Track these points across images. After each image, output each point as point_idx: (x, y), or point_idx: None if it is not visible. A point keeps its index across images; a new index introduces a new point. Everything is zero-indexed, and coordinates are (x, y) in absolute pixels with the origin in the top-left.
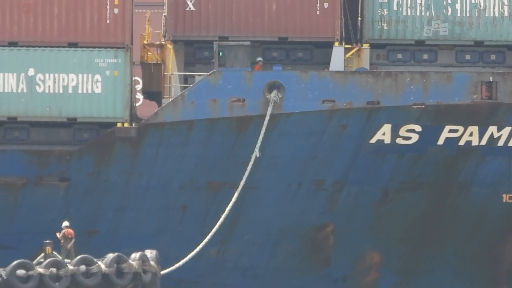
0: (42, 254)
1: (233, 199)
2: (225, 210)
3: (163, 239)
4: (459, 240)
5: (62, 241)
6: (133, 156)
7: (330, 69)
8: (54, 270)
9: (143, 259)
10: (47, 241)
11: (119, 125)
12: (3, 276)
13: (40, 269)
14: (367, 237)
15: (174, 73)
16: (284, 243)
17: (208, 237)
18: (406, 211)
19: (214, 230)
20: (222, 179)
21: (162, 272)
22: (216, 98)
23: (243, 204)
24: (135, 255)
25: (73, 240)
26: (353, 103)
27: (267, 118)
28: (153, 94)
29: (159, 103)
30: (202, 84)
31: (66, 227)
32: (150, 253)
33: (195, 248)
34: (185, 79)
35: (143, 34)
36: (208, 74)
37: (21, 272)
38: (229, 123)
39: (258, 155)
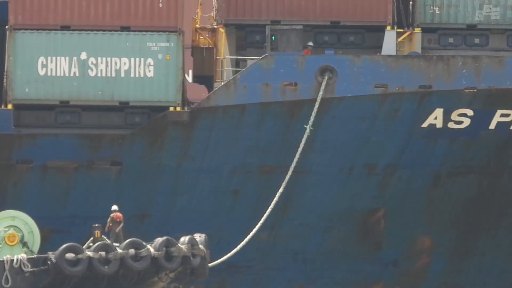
0: (91, 238)
1: (285, 183)
2: (276, 194)
3: (214, 223)
4: (511, 223)
5: (110, 224)
6: (185, 140)
7: (382, 53)
8: (103, 253)
9: (192, 243)
10: (96, 225)
11: (171, 109)
12: (53, 259)
13: (89, 253)
14: (418, 221)
15: (227, 57)
16: (335, 227)
17: (261, 221)
18: (458, 195)
19: (266, 214)
20: (274, 163)
21: (217, 261)
22: (268, 82)
23: (295, 188)
24: (184, 239)
25: (121, 224)
26: (405, 87)
27: (318, 100)
28: (203, 78)
29: (209, 87)
30: (254, 68)
31: (115, 211)
32: (199, 237)
33: (246, 232)
34: (237, 63)
35: (195, 18)
36: (260, 58)
37: (70, 255)
38: (281, 107)
39: (309, 131)
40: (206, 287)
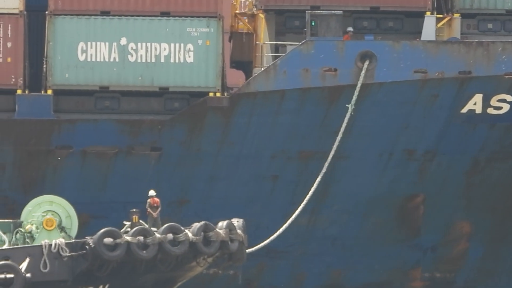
0: (129, 223)
1: (324, 168)
2: (316, 179)
3: (253, 209)
4: None
5: (148, 210)
6: (224, 126)
7: (422, 38)
8: (141, 238)
9: (230, 228)
10: (134, 210)
11: (211, 94)
12: (91, 244)
13: (127, 237)
14: (457, 206)
15: (266, 42)
16: (374, 212)
17: (300, 207)
18: (497, 180)
19: (306, 200)
20: (313, 149)
21: (256, 247)
22: (308, 67)
23: (334, 174)
24: (222, 224)
25: (159, 209)
26: (445, 73)
27: (358, 86)
28: (241, 63)
29: (248, 73)
30: (294, 53)
31: (152, 196)
32: (237, 222)
33: (285, 217)
34: (276, 49)
35: (234, 3)
36: (300, 43)
37: (108, 240)
38: (321, 92)
39: (352, 109)
40: (245, 273)
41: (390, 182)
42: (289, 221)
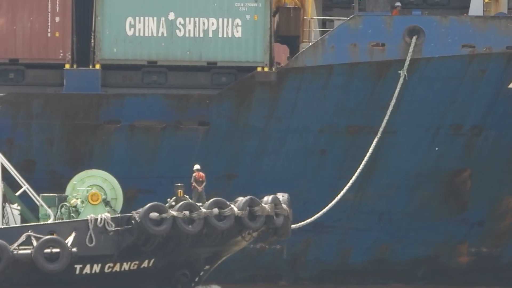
0: (174, 197)
1: (373, 143)
2: (363, 154)
3: (300, 183)
4: None
5: (193, 184)
6: (272, 100)
7: (469, 14)
8: (187, 213)
9: (275, 202)
10: (179, 184)
11: (259, 69)
12: (137, 219)
13: (173, 212)
14: (504, 181)
15: (314, 17)
16: (421, 187)
17: (349, 183)
18: None
19: (355, 175)
20: (360, 123)
21: (303, 222)
22: (356, 42)
23: (381, 149)
24: (267, 198)
25: (204, 183)
26: (493, 48)
27: (407, 61)
28: (287, 38)
29: (293, 47)
30: (342, 28)
31: (197, 170)
32: (282, 196)
33: (333, 192)
34: (323, 24)
35: None
36: (348, 18)
37: (154, 215)
38: (369, 67)
39: (404, 77)
40: (291, 247)
41: (437, 157)
42: (337, 198)
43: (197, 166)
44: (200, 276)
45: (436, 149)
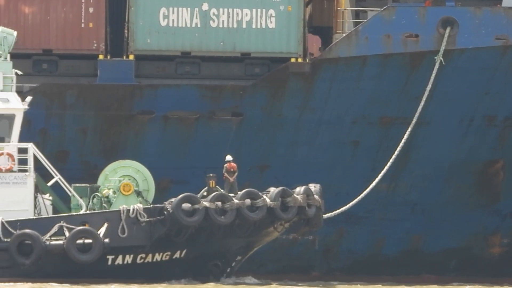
0: (205, 188)
1: (406, 134)
2: (396, 145)
3: (334, 174)
4: None
5: (225, 174)
6: (306, 91)
7: (503, 5)
8: (219, 203)
9: (307, 193)
10: (211, 175)
11: (292, 60)
12: (169, 209)
13: (205, 203)
14: None
15: (348, 8)
16: (454, 178)
17: (382, 173)
18: None
19: (387, 166)
20: (394, 114)
21: (336, 212)
22: (390, 33)
23: (414, 140)
24: (300, 189)
25: (236, 174)
26: None
27: (441, 52)
28: (319, 28)
29: (325, 38)
30: (376, 19)
31: (229, 161)
32: (314, 187)
33: (365, 183)
34: (356, 14)
35: None
36: (382, 9)
37: (186, 205)
38: (403, 58)
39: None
40: (324, 238)
41: (470, 148)
42: (369, 188)
43: (228, 157)
44: (232, 266)
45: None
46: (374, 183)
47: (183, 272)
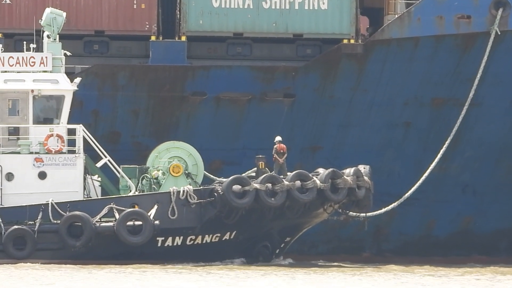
0: (254, 169)
1: (461, 116)
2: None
3: (385, 156)
4: None
5: (275, 156)
6: (358, 72)
7: None
8: (269, 185)
9: (357, 175)
10: (260, 156)
11: (345, 41)
12: (220, 191)
13: (256, 185)
14: None
15: None
16: (506, 159)
17: (437, 158)
18: None
19: (442, 150)
20: (446, 96)
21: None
22: (442, 15)
23: (467, 121)
24: (349, 171)
25: (285, 155)
26: None
27: (493, 33)
28: (370, 9)
29: (375, 19)
30: (428, 0)
31: (279, 142)
32: (363, 168)
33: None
34: None
35: None
36: None
37: (237, 187)
38: (455, 39)
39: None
40: (375, 219)
41: None
42: (426, 173)
43: (278, 138)
44: (281, 248)
45: None
46: (430, 168)
47: (232, 253)
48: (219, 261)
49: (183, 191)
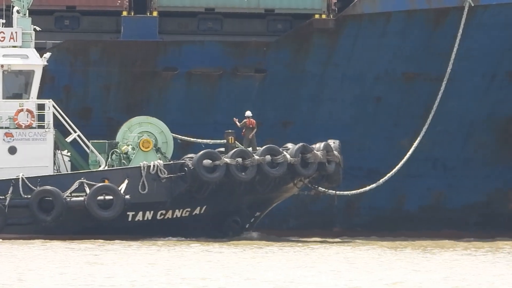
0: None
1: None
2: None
3: (356, 130)
4: None
5: (244, 130)
6: (329, 48)
7: None
8: (240, 160)
9: (327, 149)
10: (229, 131)
11: (316, 16)
12: (190, 166)
13: (226, 159)
14: None
15: None
16: (476, 134)
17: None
18: None
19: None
20: (417, 71)
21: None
22: None
23: (437, 95)
24: (319, 145)
25: (254, 130)
26: None
27: (466, 9)
28: None
29: None
30: None
31: (248, 117)
32: (333, 143)
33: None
34: None
35: None
36: None
37: (207, 162)
38: (427, 14)
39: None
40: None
41: (492, 104)
42: (409, 152)
43: (248, 113)
44: (251, 222)
45: None
46: (411, 150)
47: (202, 228)
48: (188, 236)
49: (154, 165)
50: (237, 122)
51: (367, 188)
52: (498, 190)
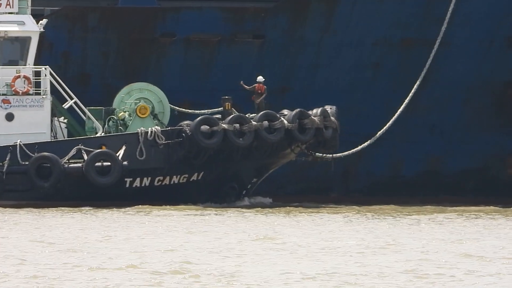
0: (221, 109)
1: (431, 58)
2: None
3: (355, 96)
4: None
5: (253, 96)
6: (328, 13)
7: None
8: (237, 125)
9: (324, 115)
10: (226, 97)
11: None
12: (188, 131)
13: (224, 125)
14: None
15: None
16: (474, 99)
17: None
18: None
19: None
20: (415, 36)
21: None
22: None
23: (435, 61)
24: (316, 111)
25: (263, 95)
26: None
27: None
28: None
29: None
30: None
31: (259, 82)
32: (330, 109)
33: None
34: None
35: None
36: None
37: (205, 127)
38: None
39: None
40: (342, 159)
41: (490, 69)
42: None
43: (260, 78)
44: (248, 189)
45: None
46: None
47: (200, 194)
48: (185, 202)
49: (151, 131)
50: (245, 86)
51: (360, 147)
52: (496, 156)
